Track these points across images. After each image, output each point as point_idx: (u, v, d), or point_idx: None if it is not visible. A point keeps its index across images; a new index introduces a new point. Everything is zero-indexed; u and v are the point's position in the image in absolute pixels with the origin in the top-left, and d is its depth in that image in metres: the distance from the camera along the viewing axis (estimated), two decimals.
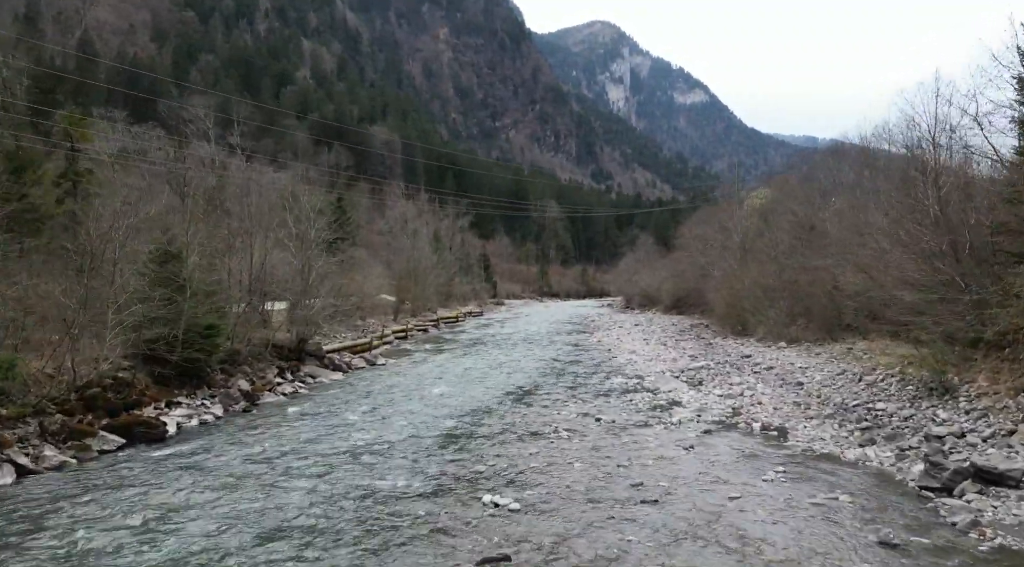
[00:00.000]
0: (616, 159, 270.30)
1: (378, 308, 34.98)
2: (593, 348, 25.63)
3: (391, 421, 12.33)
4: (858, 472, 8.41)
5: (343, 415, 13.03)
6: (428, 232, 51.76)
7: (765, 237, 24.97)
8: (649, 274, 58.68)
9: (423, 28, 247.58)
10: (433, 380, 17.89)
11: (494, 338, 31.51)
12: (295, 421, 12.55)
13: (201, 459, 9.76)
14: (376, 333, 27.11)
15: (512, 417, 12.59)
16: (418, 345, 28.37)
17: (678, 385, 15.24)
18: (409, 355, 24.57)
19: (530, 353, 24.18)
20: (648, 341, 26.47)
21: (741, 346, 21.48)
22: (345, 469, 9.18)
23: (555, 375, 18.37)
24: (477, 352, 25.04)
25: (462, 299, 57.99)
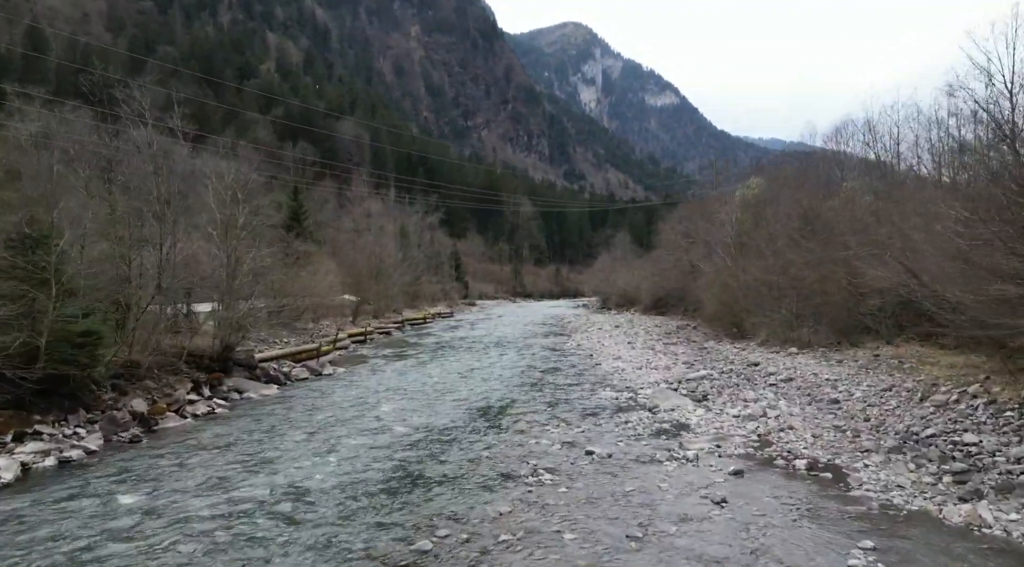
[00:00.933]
0: (589, 160, 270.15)
1: (336, 309, 31.80)
2: (573, 353, 22.88)
3: (318, 457, 9.38)
4: (981, 548, 5.74)
5: (257, 447, 10.03)
6: (394, 228, 48.62)
7: (762, 229, 22.51)
8: (627, 273, 56.28)
9: (394, 26, 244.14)
10: (386, 394, 14.93)
11: (463, 341, 28.61)
12: (191, 455, 9.51)
13: (17, 529, 6.70)
14: (328, 337, 23.98)
15: (478, 448, 9.73)
16: (377, 350, 25.33)
17: (680, 401, 12.52)
18: (365, 362, 21.54)
19: (502, 359, 21.34)
20: (633, 345, 23.81)
21: (742, 351, 18.91)
22: (227, 546, 6.22)
23: (531, 387, 15.54)
24: (443, 358, 22.11)
25: (431, 299, 54.89)
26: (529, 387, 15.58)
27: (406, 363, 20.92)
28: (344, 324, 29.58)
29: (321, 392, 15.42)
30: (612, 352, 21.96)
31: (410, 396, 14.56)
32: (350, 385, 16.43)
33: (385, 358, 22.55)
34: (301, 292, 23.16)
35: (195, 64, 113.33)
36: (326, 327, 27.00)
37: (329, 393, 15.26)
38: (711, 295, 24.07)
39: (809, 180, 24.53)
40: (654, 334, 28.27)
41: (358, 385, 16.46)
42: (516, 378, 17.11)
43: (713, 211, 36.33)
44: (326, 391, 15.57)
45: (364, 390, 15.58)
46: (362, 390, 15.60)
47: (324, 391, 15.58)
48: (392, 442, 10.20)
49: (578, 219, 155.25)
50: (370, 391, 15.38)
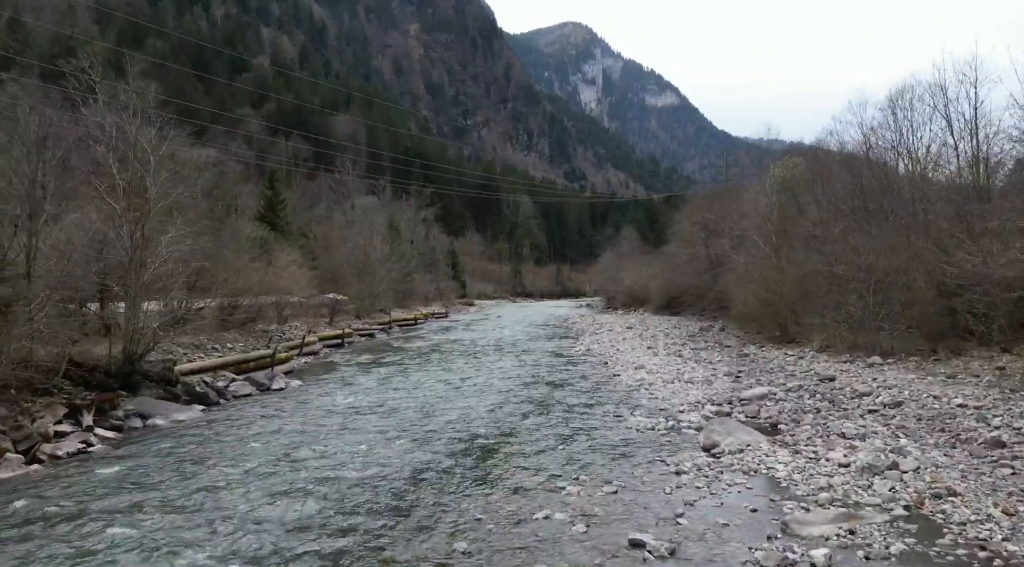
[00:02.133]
0: (589, 159, 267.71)
1: (314, 309, 28.09)
2: (583, 360, 19.12)
3: (208, 534, 5.67)
4: None
5: (120, 514, 6.31)
6: (383, 220, 44.89)
7: (809, 213, 18.80)
8: (634, 271, 52.53)
9: (393, 24, 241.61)
10: (344, 418, 11.19)
11: (455, 345, 24.87)
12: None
13: None
14: (292, 341, 20.24)
15: (447, 528, 6.00)
16: (352, 356, 21.58)
17: (747, 435, 8.74)
18: (334, 371, 17.78)
19: (499, 369, 17.58)
20: (655, 350, 20.04)
21: (799, 360, 15.13)
22: None
23: (535, 410, 11.79)
24: (427, 367, 18.36)
25: (424, 299, 51.16)
26: (532, 409, 11.82)
27: (381, 373, 17.16)
28: (318, 326, 25.84)
29: (260, 416, 11.66)
30: (631, 359, 18.19)
31: (372, 424, 10.81)
32: (300, 406, 12.66)
33: (359, 366, 18.79)
34: (259, 288, 19.40)
35: (185, 59, 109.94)
36: (294, 330, 23.25)
37: (269, 417, 11.50)
38: (746, 292, 20.32)
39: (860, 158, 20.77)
40: (675, 337, 24.51)
41: (312, 405, 12.69)
42: (515, 395, 13.35)
43: (739, 198, 32.62)
44: (267, 414, 11.81)
45: (314, 414, 11.81)
46: (313, 413, 11.83)
47: (265, 414, 11.81)
48: (323, 512, 6.45)
49: (579, 218, 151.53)
50: (320, 416, 11.61)
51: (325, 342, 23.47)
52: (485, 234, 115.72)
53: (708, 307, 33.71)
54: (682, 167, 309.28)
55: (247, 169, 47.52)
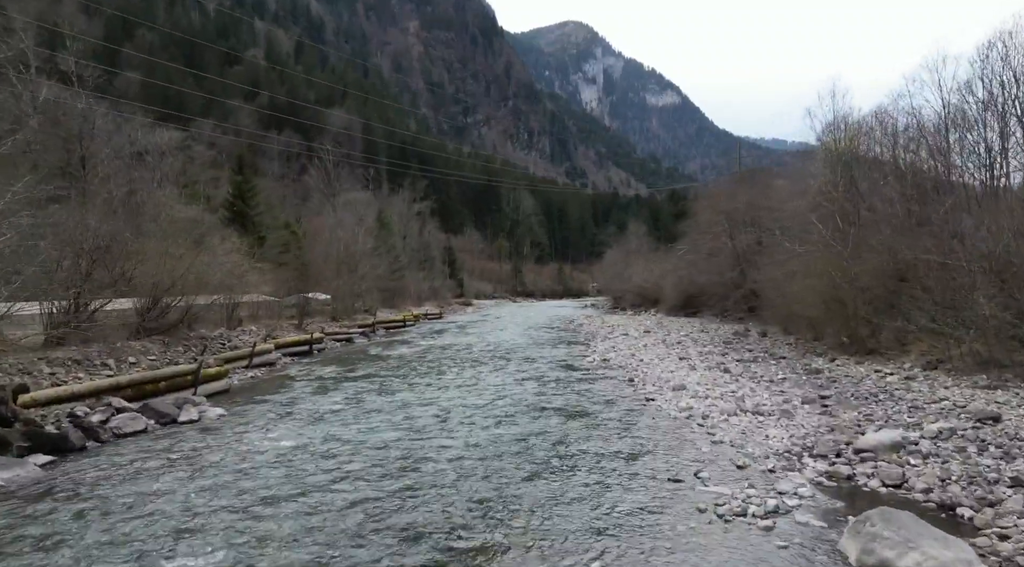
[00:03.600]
0: (590, 158, 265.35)
1: (282, 310, 24.13)
2: (601, 374, 15.12)
3: None
4: None
5: None
6: (372, 213, 40.89)
7: (886, 191, 14.83)
8: (643, 268, 48.52)
9: (392, 21, 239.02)
10: (256, 480, 7.22)
11: (444, 354, 20.89)
12: None
13: None
14: (237, 351, 16.28)
15: None
16: (316, 368, 17.60)
17: (944, 549, 4.76)
18: (281, 390, 13.80)
19: (495, 389, 13.58)
20: (689, 362, 16.02)
21: (909, 381, 11.06)
22: None
23: (547, 466, 7.80)
24: (404, 386, 14.37)
25: (417, 299, 47.18)
26: (542, 463, 7.83)
27: (341, 395, 13.17)
28: (282, 329, 21.86)
29: (131, 473, 7.68)
30: (663, 375, 14.18)
31: (296, 492, 6.83)
32: (204, 453, 8.66)
33: (317, 384, 14.80)
34: (194, 285, 15.41)
35: (175, 50, 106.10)
36: (249, 335, 19.25)
37: (145, 476, 7.52)
38: (799, 289, 16.29)
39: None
40: (705, 343, 20.49)
41: (217, 453, 8.68)
42: (516, 435, 9.35)
43: (768, 185, 28.65)
44: (146, 468, 7.83)
45: (217, 469, 7.82)
46: (213, 470, 7.84)
47: (142, 469, 7.83)
48: None
49: (581, 215, 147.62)
50: (226, 472, 7.62)
51: (286, 350, 19.47)
52: (484, 232, 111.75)
53: (733, 307, 29.75)
54: (683, 166, 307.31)
55: (221, 155, 43.66)
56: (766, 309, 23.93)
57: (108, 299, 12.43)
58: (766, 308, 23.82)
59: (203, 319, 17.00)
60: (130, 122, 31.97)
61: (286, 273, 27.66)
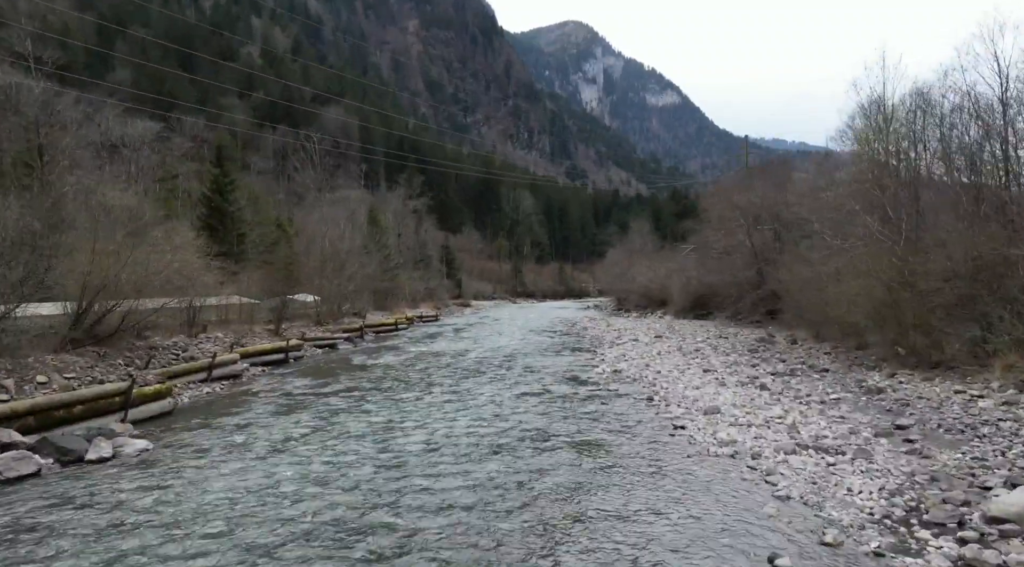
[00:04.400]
0: (591, 157, 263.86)
1: (256, 314, 21.98)
2: (614, 392, 12.94)
3: None
4: None
5: None
6: (363, 209, 38.70)
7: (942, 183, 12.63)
8: (648, 268, 46.34)
9: (391, 20, 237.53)
10: (161, 549, 5.08)
11: (436, 363, 18.73)
12: None
13: None
14: (193, 363, 14.12)
15: None
16: (287, 381, 15.44)
17: None
18: (235, 412, 11.65)
19: (491, 412, 11.41)
20: (716, 375, 13.82)
21: (1011, 408, 8.81)
22: None
23: (554, 526, 5.68)
24: (383, 405, 12.22)
25: (411, 300, 45.01)
26: (544, 528, 5.70)
27: (310, 414, 11.02)
28: (255, 336, 19.69)
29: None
30: (689, 392, 12.01)
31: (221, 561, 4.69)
32: (105, 507, 6.51)
33: (285, 400, 12.65)
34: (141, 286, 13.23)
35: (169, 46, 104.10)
36: (212, 343, 17.07)
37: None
38: (842, 293, 14.10)
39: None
40: (726, 351, 18.32)
41: (125, 508, 6.53)
42: (515, 479, 7.21)
43: (787, 177, 26.51)
44: (6, 541, 5.69)
45: (113, 533, 5.67)
46: (108, 534, 5.70)
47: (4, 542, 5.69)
48: None
49: (581, 215, 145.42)
50: (118, 540, 5.48)
51: (256, 359, 17.30)
52: (484, 231, 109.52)
53: (749, 310, 27.55)
54: (684, 166, 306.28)
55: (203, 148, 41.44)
56: (788, 311, 21.79)
57: (15, 304, 10.26)
58: (789, 310, 21.69)
59: (157, 326, 14.83)
60: (101, 111, 29.86)
61: (269, 273, 25.50)
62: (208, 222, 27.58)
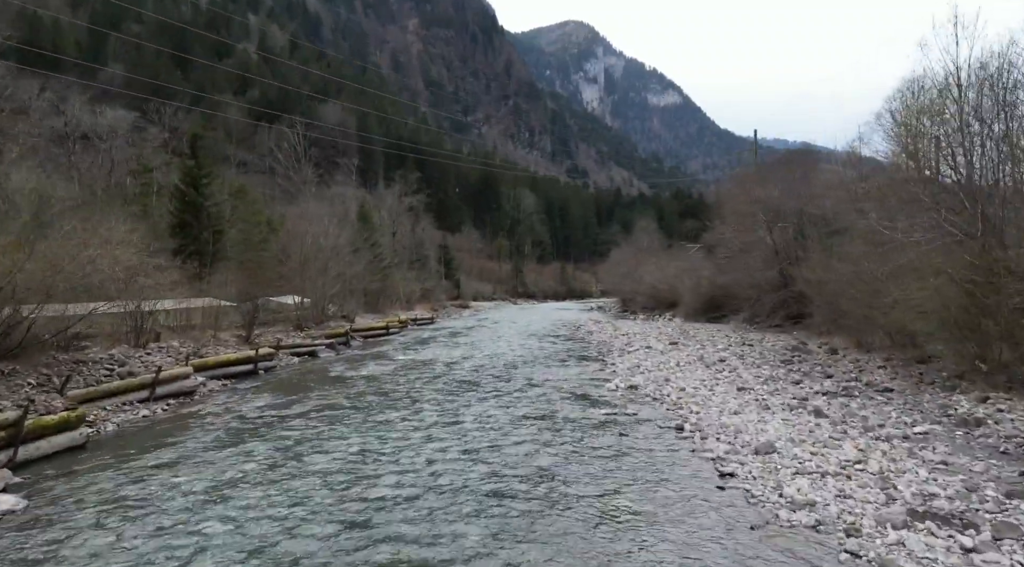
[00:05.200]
0: (592, 157, 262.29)
1: (234, 319, 19.74)
2: (631, 413, 10.69)
3: None
4: None
5: None
6: (353, 206, 36.42)
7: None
8: (656, 268, 44.07)
9: (391, 19, 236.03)
10: None
11: (425, 374, 16.50)
12: None
13: None
14: (133, 378, 11.90)
15: None
16: (248, 397, 13.21)
17: None
18: (177, 440, 9.43)
19: (485, 434, 9.18)
20: (755, 395, 11.56)
21: None
22: None
23: None
24: (356, 427, 9.99)
25: (406, 301, 42.77)
26: None
27: (266, 446, 8.79)
28: (219, 343, 17.44)
29: None
30: (723, 417, 9.77)
31: None
32: None
33: (239, 425, 10.42)
34: (59, 288, 11.00)
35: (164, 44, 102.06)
36: (167, 353, 14.83)
37: None
38: (913, 297, 11.84)
39: None
40: (755, 362, 16.04)
41: None
42: (510, 553, 4.99)
43: (812, 167, 24.27)
44: None
45: None
46: None
47: None
48: None
49: (583, 214, 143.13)
50: None
51: (217, 372, 15.06)
52: (484, 230, 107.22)
53: (769, 313, 25.29)
54: (685, 166, 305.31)
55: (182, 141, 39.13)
56: (819, 315, 19.55)
57: None
58: (820, 315, 19.45)
59: (91, 336, 12.60)
60: (67, 100, 27.66)
61: (246, 274, 23.29)
62: (181, 218, 25.38)
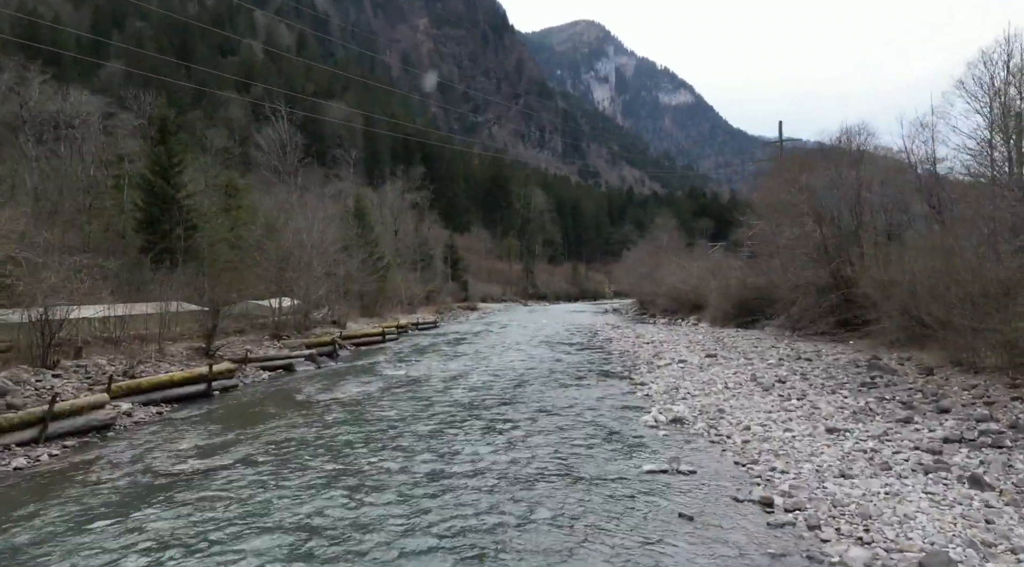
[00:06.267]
0: (603, 156, 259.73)
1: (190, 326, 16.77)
2: (689, 476, 7.55)
3: None
4: None
5: None
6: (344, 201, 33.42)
7: None
8: (678, 268, 40.76)
9: (401, 18, 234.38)
10: None
11: (413, 396, 13.42)
12: None
13: None
14: (11, 413, 8.95)
15: None
16: (184, 432, 10.20)
17: None
18: (42, 509, 6.41)
19: (484, 497, 6.06)
20: (860, 442, 8.40)
21: None
22: None
23: None
24: (292, 494, 6.90)
25: (408, 304, 39.74)
26: None
27: (175, 514, 5.72)
28: (168, 359, 14.44)
29: None
30: (831, 484, 6.63)
31: None
32: None
33: (146, 480, 7.37)
34: None
35: (166, 40, 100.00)
36: (89, 371, 11.86)
37: None
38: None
39: None
40: (828, 386, 12.81)
41: None
42: None
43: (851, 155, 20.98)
44: None
45: None
46: None
47: None
48: None
49: (596, 213, 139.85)
50: None
51: (155, 396, 12.05)
52: (493, 230, 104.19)
53: (810, 318, 21.94)
54: (697, 165, 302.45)
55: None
56: (889, 322, 16.28)
57: None
58: (891, 321, 16.17)
59: None
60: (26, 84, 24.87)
61: (219, 274, 20.33)
62: (149, 212, 22.46)
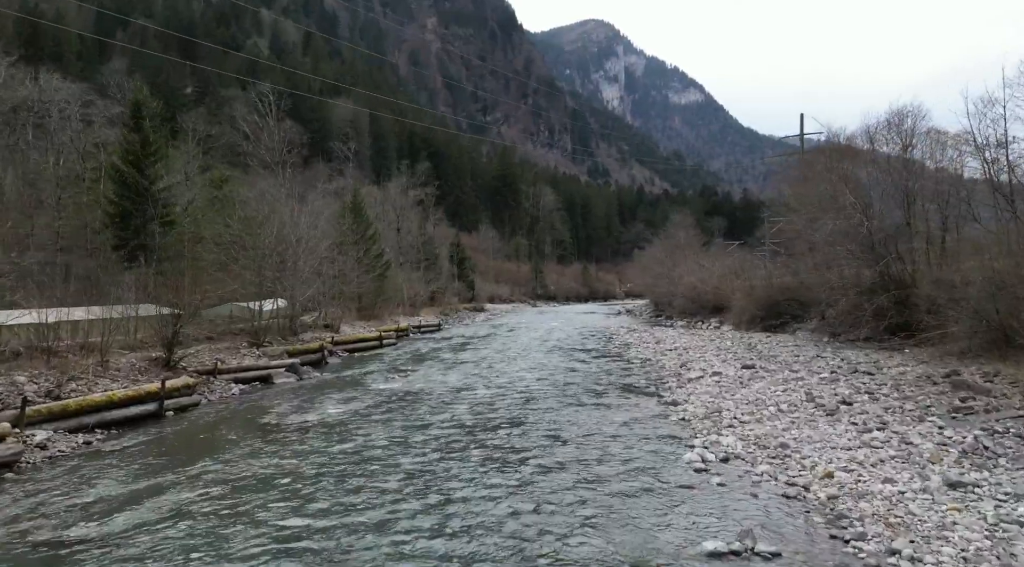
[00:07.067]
0: (613, 156, 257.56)
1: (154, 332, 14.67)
2: (762, 553, 5.35)
3: None
4: None
5: None
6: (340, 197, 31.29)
7: None
8: (697, 267, 38.37)
9: (409, 17, 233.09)
10: None
11: (402, 418, 11.22)
12: None
13: None
14: None
15: None
16: (92, 477, 8.03)
17: None
18: None
19: None
20: (993, 504, 6.17)
21: None
22: None
23: None
24: (244, 559, 4.71)
25: (411, 306, 37.55)
26: None
27: None
28: (119, 372, 12.30)
29: None
30: None
31: None
32: None
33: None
34: None
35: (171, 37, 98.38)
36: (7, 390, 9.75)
37: None
38: None
39: None
40: (903, 407, 10.52)
41: None
42: None
43: None
44: None
45: None
46: None
47: None
48: None
49: (605, 213, 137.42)
50: None
51: (87, 421, 9.91)
52: (502, 229, 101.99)
53: (852, 322, 19.50)
54: (708, 164, 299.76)
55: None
56: (960, 328, 13.93)
57: None
58: (961, 327, 13.82)
59: None
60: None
61: (193, 274, 18.21)
62: (122, 205, 20.43)
